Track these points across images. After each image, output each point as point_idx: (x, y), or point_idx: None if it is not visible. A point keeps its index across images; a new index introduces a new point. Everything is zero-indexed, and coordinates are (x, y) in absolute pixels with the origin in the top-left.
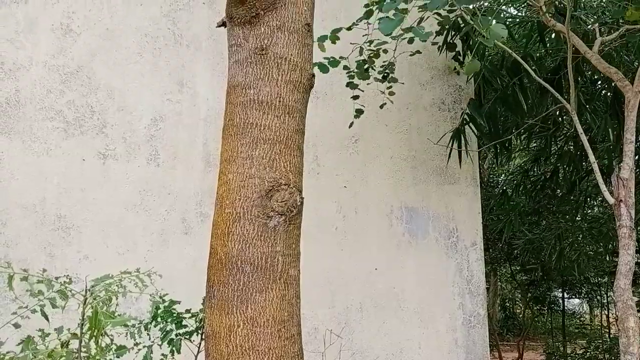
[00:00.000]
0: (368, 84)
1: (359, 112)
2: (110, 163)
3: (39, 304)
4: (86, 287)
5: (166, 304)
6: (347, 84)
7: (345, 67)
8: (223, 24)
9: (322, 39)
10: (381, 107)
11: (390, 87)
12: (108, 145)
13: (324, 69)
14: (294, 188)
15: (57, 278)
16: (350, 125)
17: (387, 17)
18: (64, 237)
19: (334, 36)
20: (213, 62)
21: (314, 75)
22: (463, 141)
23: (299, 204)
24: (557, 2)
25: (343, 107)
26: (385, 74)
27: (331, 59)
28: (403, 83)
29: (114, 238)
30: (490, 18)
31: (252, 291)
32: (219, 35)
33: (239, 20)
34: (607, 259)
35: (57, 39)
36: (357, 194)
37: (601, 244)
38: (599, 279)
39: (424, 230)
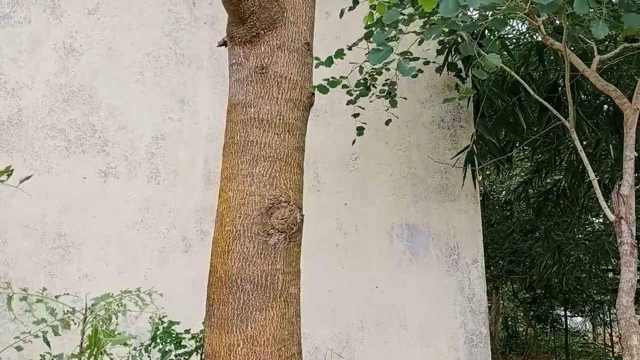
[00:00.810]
0: (370, 101)
1: (360, 130)
2: (111, 181)
3: (41, 329)
4: (86, 305)
5: (165, 324)
6: (348, 102)
7: (344, 86)
8: (224, 44)
9: (329, 62)
10: (387, 123)
11: (395, 103)
12: (109, 163)
13: (323, 90)
14: (294, 205)
15: (57, 297)
16: (353, 143)
17: (376, 48)
18: (64, 255)
19: (340, 54)
20: (214, 80)
21: (313, 94)
22: (474, 158)
23: (299, 221)
24: (555, 21)
25: (343, 124)
26: (389, 92)
27: (331, 79)
28: (405, 98)
29: (114, 256)
30: (482, 51)
31: (252, 310)
32: (220, 55)
33: (239, 40)
34: (610, 276)
35: (59, 58)
36: (358, 211)
37: (603, 261)
38: (602, 296)
39: (424, 248)
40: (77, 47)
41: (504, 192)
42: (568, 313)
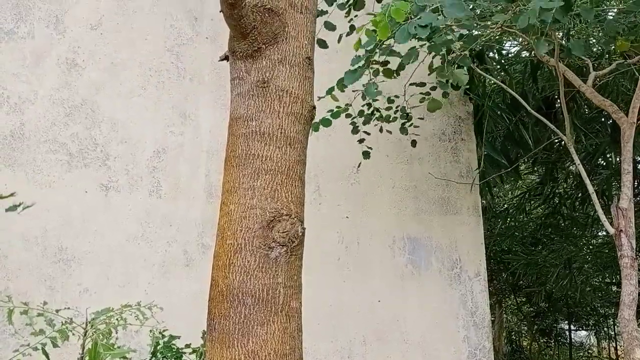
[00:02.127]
0: (375, 125)
1: (366, 155)
2: (112, 195)
3: (40, 342)
4: (87, 319)
5: (166, 339)
6: (353, 130)
7: (348, 115)
8: (225, 58)
9: (330, 91)
10: (413, 144)
11: (406, 131)
12: (111, 177)
13: (327, 123)
14: (296, 218)
15: (57, 311)
16: (359, 166)
17: (351, 70)
18: (65, 269)
19: (342, 85)
20: (215, 95)
21: (314, 107)
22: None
23: (300, 234)
24: (550, 38)
25: (344, 138)
26: (406, 117)
27: (335, 109)
28: (418, 135)
29: (114, 270)
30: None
31: (254, 324)
32: (222, 69)
33: (241, 54)
34: (614, 289)
35: (62, 73)
36: (359, 224)
37: (607, 274)
38: (606, 309)
39: (426, 261)
40: (79, 62)
41: (505, 205)
42: (572, 327)
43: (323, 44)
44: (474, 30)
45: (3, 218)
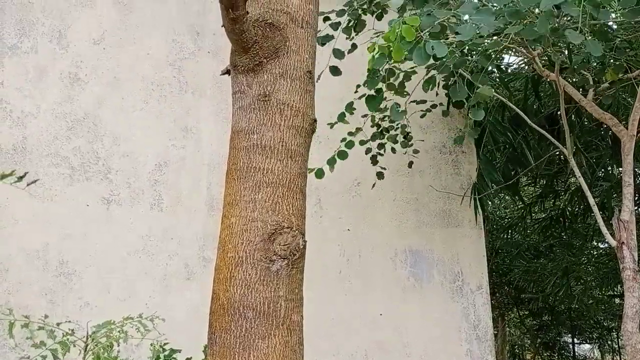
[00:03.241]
0: (385, 143)
1: (380, 175)
2: (114, 208)
3: (41, 354)
4: (87, 333)
5: (167, 352)
6: (372, 161)
7: (362, 142)
8: (227, 72)
9: (341, 117)
10: (409, 165)
11: (407, 145)
12: (112, 190)
13: (343, 155)
14: (297, 231)
15: (58, 324)
16: (373, 187)
17: (370, 95)
18: (66, 283)
19: (351, 108)
20: (217, 108)
21: (315, 120)
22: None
23: (301, 247)
24: (550, 54)
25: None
26: (406, 136)
27: (348, 140)
28: (417, 151)
29: (115, 284)
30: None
31: (255, 337)
32: (223, 83)
33: (242, 69)
34: (617, 301)
35: (65, 87)
36: (361, 237)
37: (610, 286)
38: (609, 322)
39: (428, 274)
40: (82, 76)
41: (507, 218)
42: (576, 340)
43: (335, 71)
44: (480, 46)
45: (4, 231)
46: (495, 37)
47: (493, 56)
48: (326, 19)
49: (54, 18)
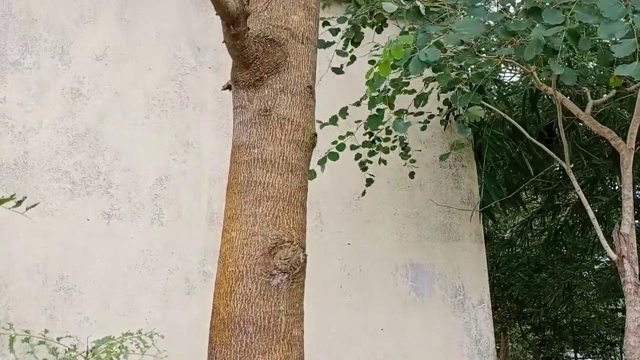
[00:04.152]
0: (379, 160)
1: (369, 182)
2: (114, 223)
3: None
4: (87, 348)
5: None
6: (360, 167)
7: (352, 147)
8: (228, 87)
9: (333, 120)
10: (411, 176)
11: (406, 157)
12: (113, 205)
13: (334, 157)
14: (297, 245)
15: (58, 339)
16: (363, 194)
17: (373, 114)
18: (66, 298)
19: (345, 113)
20: (218, 123)
21: (316, 135)
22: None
23: (302, 261)
24: (546, 68)
25: (345, 164)
26: (404, 147)
27: (339, 142)
28: (414, 160)
29: (115, 299)
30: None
31: (255, 352)
32: (224, 98)
33: (243, 84)
34: (619, 315)
35: (66, 103)
36: (361, 251)
37: (612, 300)
38: (612, 337)
39: (429, 288)
40: (84, 91)
41: (508, 231)
42: (579, 355)
43: (338, 70)
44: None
45: (4, 245)
46: (485, 55)
47: (487, 74)
48: (325, 23)
49: (56, 34)
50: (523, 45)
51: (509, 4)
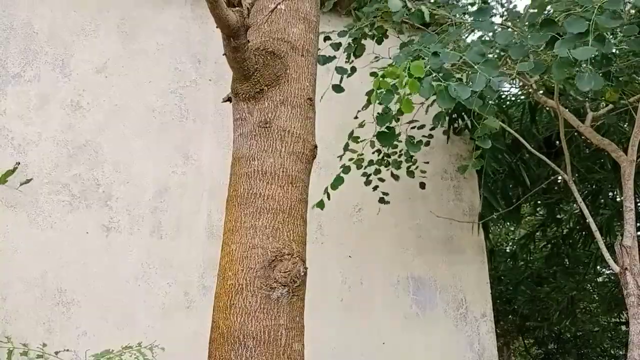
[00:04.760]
0: (387, 169)
1: (382, 201)
2: (113, 235)
3: None
4: None
5: None
6: (366, 182)
7: (360, 167)
8: (228, 99)
9: (346, 147)
10: (422, 187)
11: (412, 174)
12: (112, 217)
13: (339, 181)
14: (298, 258)
15: (57, 353)
16: (378, 213)
17: (383, 131)
18: (64, 312)
19: (355, 138)
20: (219, 135)
21: (316, 147)
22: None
23: (302, 274)
24: (547, 81)
25: (346, 176)
26: (410, 159)
27: (345, 166)
28: (424, 171)
29: (114, 312)
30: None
31: None
32: (225, 110)
33: (243, 96)
34: (623, 329)
35: (66, 115)
36: (362, 263)
37: (615, 313)
38: (616, 350)
39: (431, 302)
40: (84, 104)
41: (510, 244)
42: None
43: (338, 88)
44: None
45: (3, 259)
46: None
47: (498, 87)
48: (326, 38)
49: (57, 47)
50: (541, 61)
51: (517, 18)
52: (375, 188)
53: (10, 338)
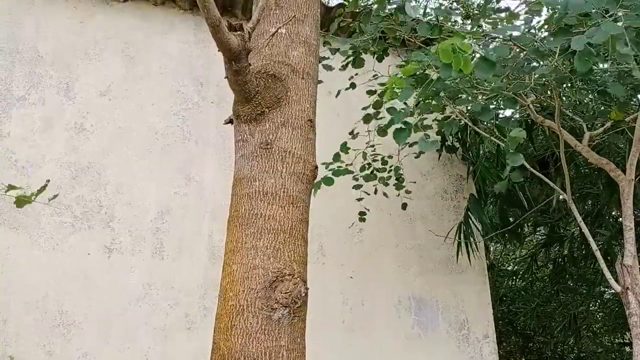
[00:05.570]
0: (374, 186)
1: (362, 215)
2: (115, 257)
3: None
4: None
5: None
6: (354, 187)
7: (348, 172)
8: (230, 121)
9: (337, 157)
10: (403, 207)
11: (401, 187)
12: (114, 239)
13: (329, 181)
14: (299, 278)
15: None
16: (351, 226)
17: (399, 127)
18: (65, 333)
19: (346, 148)
20: (220, 157)
21: (316, 167)
22: (470, 233)
23: (303, 295)
24: (544, 101)
25: (347, 196)
26: (398, 178)
27: (337, 169)
28: (412, 184)
29: (115, 334)
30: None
31: None
32: (226, 132)
33: (245, 118)
34: (627, 350)
35: (70, 138)
36: (364, 284)
37: (619, 334)
38: None
39: (433, 322)
40: (87, 126)
41: (512, 264)
42: None
43: (328, 68)
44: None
45: (4, 281)
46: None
47: (517, 99)
48: (325, 43)
49: (61, 71)
50: (557, 66)
51: (532, 25)
52: (360, 199)
53: (14, 357)
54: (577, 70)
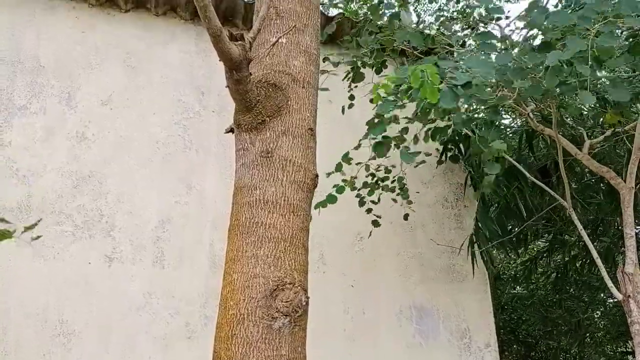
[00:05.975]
0: (378, 198)
1: (375, 223)
2: (116, 266)
3: None
4: None
5: None
6: (359, 203)
7: (353, 189)
8: (231, 130)
9: (339, 167)
10: (405, 218)
11: (407, 196)
12: (115, 248)
13: (332, 199)
14: (299, 287)
15: None
16: (369, 235)
17: (378, 141)
18: (65, 343)
19: (348, 158)
20: (221, 165)
21: (317, 176)
22: (483, 242)
23: (304, 303)
24: (543, 110)
25: (348, 205)
26: (402, 187)
27: (340, 185)
28: (417, 192)
29: (115, 343)
30: (487, 136)
31: None
32: (227, 141)
33: (246, 127)
34: (630, 359)
35: (71, 147)
36: (365, 293)
37: (621, 342)
38: None
39: (435, 331)
40: (89, 135)
41: (513, 272)
42: None
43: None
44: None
45: (4, 290)
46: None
47: (501, 110)
48: (325, 59)
49: (63, 80)
50: (540, 79)
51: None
52: (369, 211)
53: None
54: (547, 85)
